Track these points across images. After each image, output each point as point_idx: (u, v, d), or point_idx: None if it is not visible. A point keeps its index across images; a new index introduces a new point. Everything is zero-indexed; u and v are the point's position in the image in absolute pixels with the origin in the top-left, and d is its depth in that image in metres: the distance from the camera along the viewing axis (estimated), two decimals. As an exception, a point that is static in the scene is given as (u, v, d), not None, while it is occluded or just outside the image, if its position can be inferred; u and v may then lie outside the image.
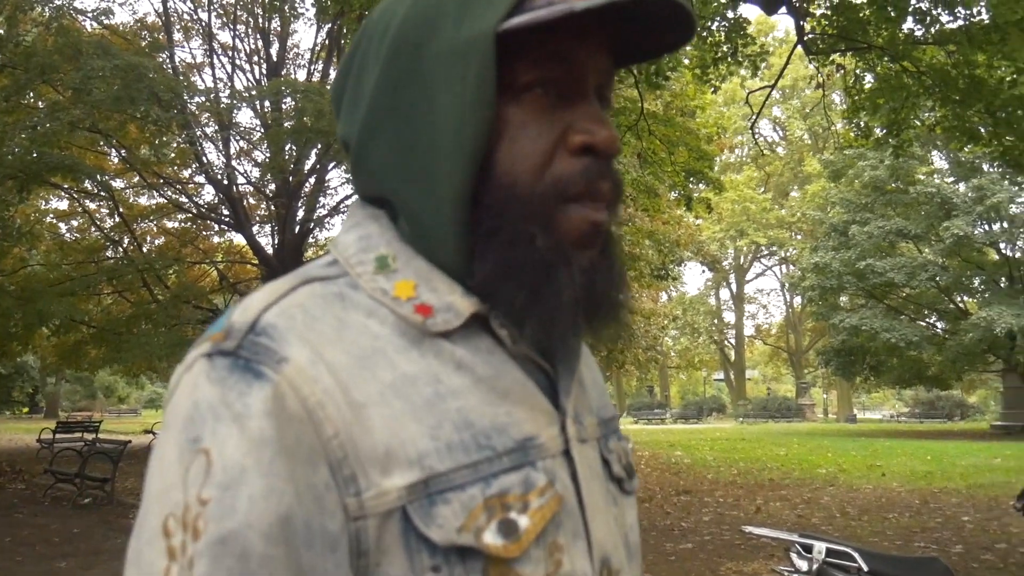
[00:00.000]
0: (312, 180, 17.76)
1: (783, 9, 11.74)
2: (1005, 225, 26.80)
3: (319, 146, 15.11)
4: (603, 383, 0.82)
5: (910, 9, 11.49)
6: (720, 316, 53.19)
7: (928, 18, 11.63)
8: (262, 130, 16.48)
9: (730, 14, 12.29)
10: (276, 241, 18.14)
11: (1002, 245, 27.71)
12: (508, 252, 0.62)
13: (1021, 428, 26.49)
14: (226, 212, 17.71)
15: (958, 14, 11.39)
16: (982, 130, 11.93)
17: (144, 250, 18.38)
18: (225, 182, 17.04)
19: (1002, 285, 27.54)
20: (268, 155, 15.85)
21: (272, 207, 18.10)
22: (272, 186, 17.66)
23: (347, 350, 0.59)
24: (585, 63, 0.64)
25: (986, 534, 7.75)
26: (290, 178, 16.43)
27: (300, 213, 17.77)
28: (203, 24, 18.00)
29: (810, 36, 12.40)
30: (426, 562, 0.56)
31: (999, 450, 18.68)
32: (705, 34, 12.35)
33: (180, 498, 0.53)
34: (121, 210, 17.25)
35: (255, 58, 18.89)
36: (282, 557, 0.53)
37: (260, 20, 18.25)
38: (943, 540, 7.48)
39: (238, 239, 19.64)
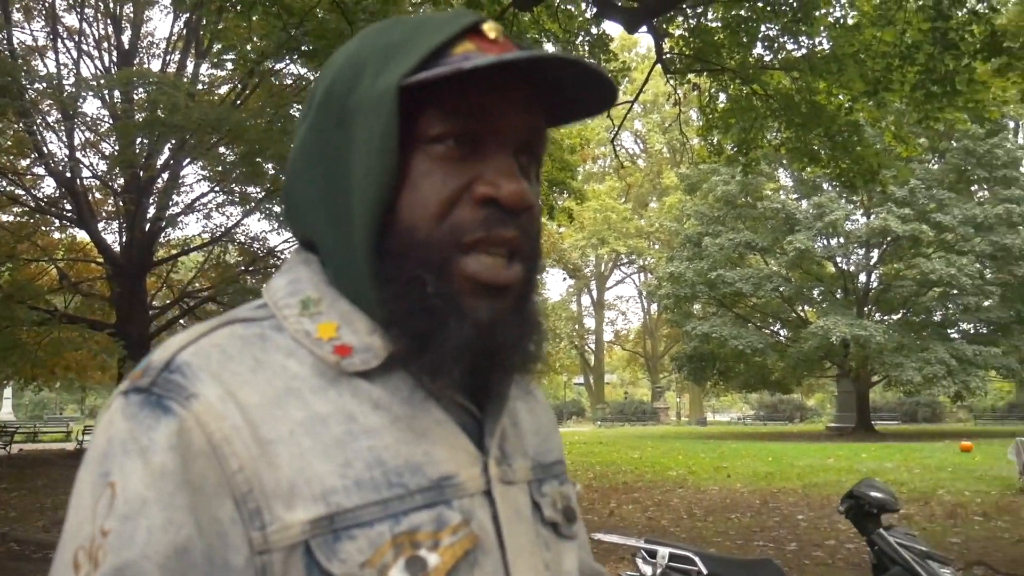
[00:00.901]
0: (165, 176, 16.95)
1: (644, 28, 12.19)
2: (841, 240, 28.79)
3: (173, 141, 14.43)
4: (551, 430, 0.82)
5: (760, 36, 12.16)
6: (581, 322, 54.43)
7: (776, 45, 12.34)
8: (111, 121, 15.59)
9: (594, 30, 12.61)
10: (124, 239, 17.20)
11: (838, 259, 29.78)
12: (401, 298, 0.64)
13: (852, 429, 28.54)
14: (68, 206, 16.63)
15: (802, 43, 12.15)
16: (822, 152, 12.73)
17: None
18: (68, 174, 16.01)
19: (838, 296, 29.58)
20: (116, 148, 15.00)
21: (120, 203, 17.14)
22: (120, 181, 16.72)
23: (260, 389, 0.61)
24: (501, 119, 0.65)
25: (818, 532, 8.28)
26: (140, 173, 15.61)
27: (151, 210, 16.93)
28: (46, 4, 16.84)
29: (668, 55, 12.91)
30: None
31: (833, 450, 20.02)
32: (569, 48, 12.65)
33: (88, 530, 0.56)
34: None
35: (105, 44, 17.85)
36: None
37: (111, 4, 17.25)
38: (780, 539, 7.93)
39: (82, 235, 18.47)
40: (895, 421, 37.95)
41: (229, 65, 14.43)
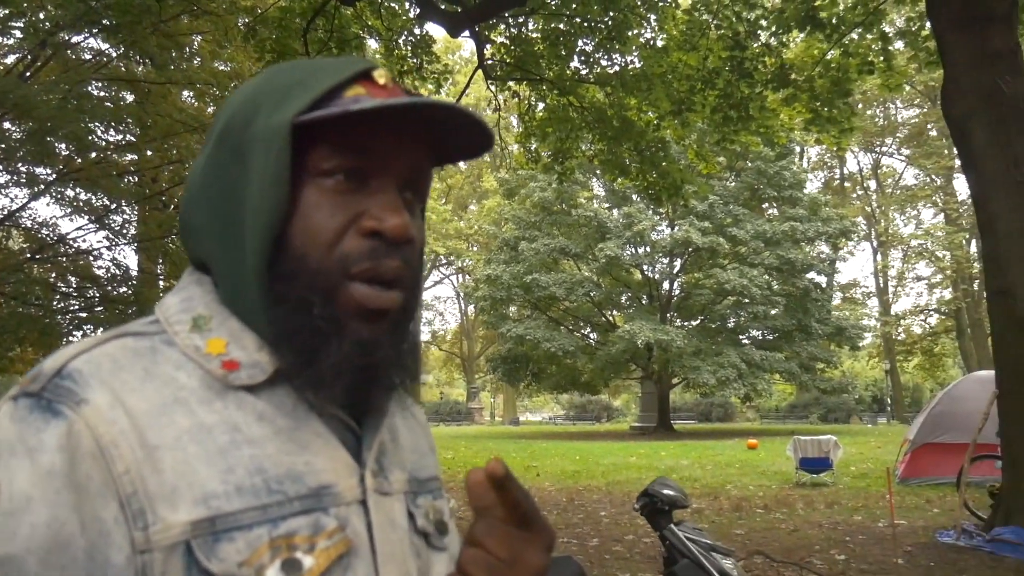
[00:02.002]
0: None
1: (466, 32, 12.31)
2: (647, 249, 30.39)
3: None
4: (428, 449, 0.87)
5: (577, 50, 12.60)
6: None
7: (591, 60, 12.82)
8: None
9: (417, 31, 12.58)
10: None
11: (645, 267, 31.40)
12: (289, 318, 0.68)
13: (653, 428, 30.20)
14: None
15: (615, 60, 12.71)
16: (632, 166, 13.36)
17: None
18: None
19: (644, 302, 31.20)
20: None
21: None
22: None
23: (149, 397, 0.65)
24: (387, 157, 0.71)
25: (619, 527, 8.67)
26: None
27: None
28: None
29: (490, 62, 13.11)
30: None
31: (635, 449, 21.10)
32: (392, 47, 12.56)
33: None
34: None
35: None
36: None
37: None
38: (583, 535, 8.24)
39: None
40: (692, 420, 40.56)
41: (17, 33, 13.15)
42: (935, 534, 7.77)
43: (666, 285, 31.67)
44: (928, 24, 9.27)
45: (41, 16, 10.64)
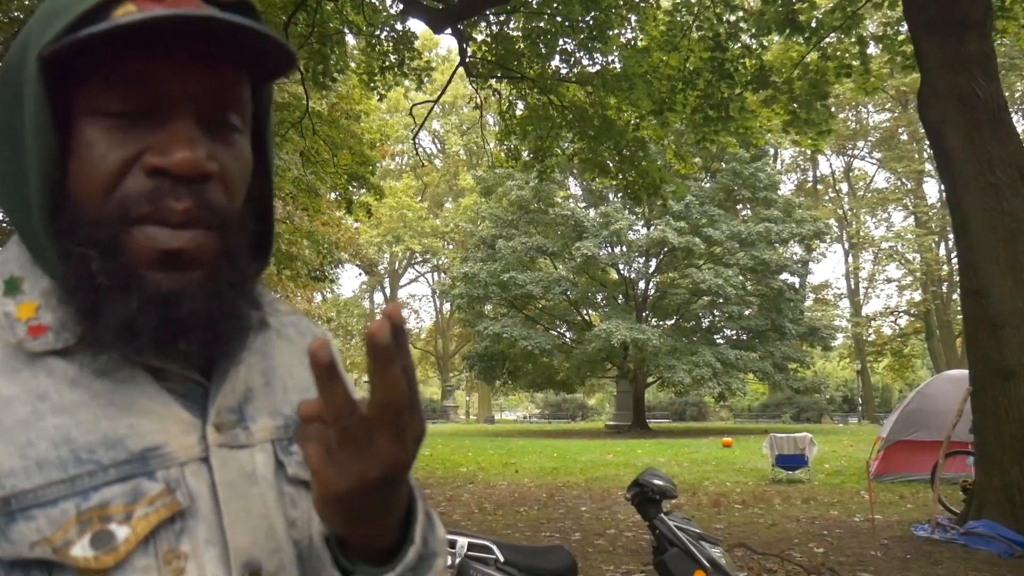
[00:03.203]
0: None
1: (448, 30, 12.32)
2: (624, 249, 30.54)
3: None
4: None
5: (558, 48, 12.67)
6: (373, 319, 53.64)
7: (572, 59, 12.90)
8: None
9: (399, 26, 12.58)
10: None
11: (621, 266, 31.56)
12: (68, 275, 0.62)
13: (629, 427, 30.36)
14: None
15: (596, 60, 12.79)
16: (611, 164, 13.45)
17: None
18: None
19: (619, 301, 31.35)
20: None
21: None
22: None
23: None
24: (172, 82, 0.62)
25: (600, 521, 8.75)
26: None
27: None
28: None
29: (471, 59, 13.13)
30: None
31: (611, 447, 21.22)
32: (374, 42, 12.54)
33: None
34: None
35: None
36: None
37: None
38: (565, 529, 8.31)
39: None
40: (667, 419, 40.82)
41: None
42: (910, 528, 7.93)
43: (642, 284, 31.86)
44: (904, 28, 9.46)
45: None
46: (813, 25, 10.73)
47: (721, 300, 27.94)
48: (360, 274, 50.80)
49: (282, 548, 0.68)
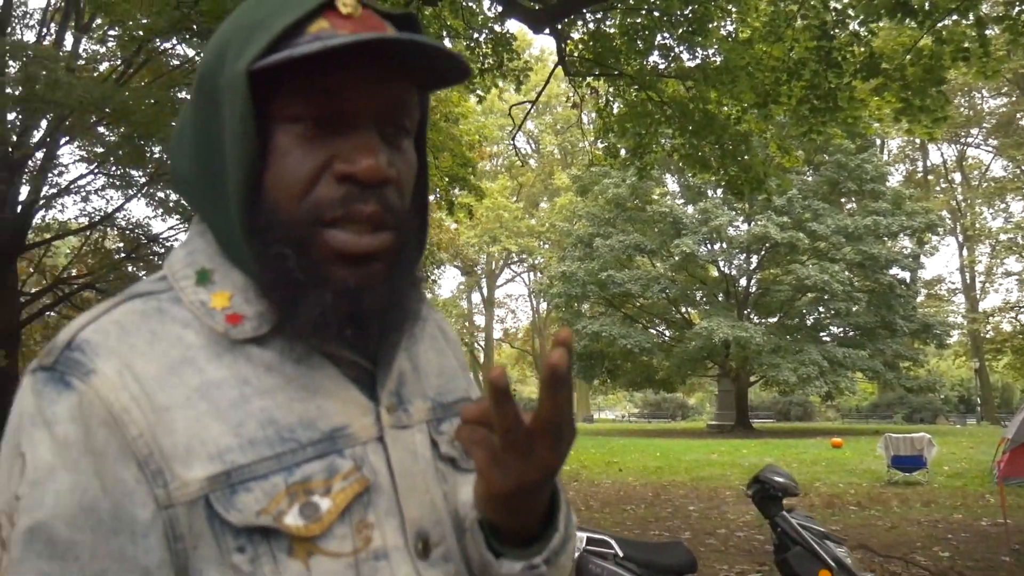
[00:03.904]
0: (40, 155, 15.94)
1: (547, 30, 12.37)
2: (724, 245, 29.95)
3: (49, 116, 13.58)
4: (455, 370, 0.86)
5: (656, 44, 12.55)
6: (471, 319, 54.56)
7: (671, 54, 12.75)
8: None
9: (498, 28, 12.70)
10: (-7, 221, 16.08)
11: (721, 263, 30.95)
12: (266, 272, 0.68)
13: (731, 426, 29.75)
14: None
15: (696, 54, 12.60)
16: (712, 159, 13.22)
17: None
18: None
19: (720, 299, 30.75)
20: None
21: (-10, 182, 16.00)
22: (-10, 158, 15.62)
23: (157, 360, 0.66)
24: (357, 95, 0.67)
25: (709, 521, 8.63)
26: (11, 151, 14.63)
27: (24, 191, 15.88)
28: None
29: (569, 57, 13.14)
30: (231, 543, 0.64)
31: (715, 446, 20.85)
32: (473, 44, 12.70)
33: (6, 497, 0.63)
34: None
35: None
36: (87, 541, 0.61)
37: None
38: (674, 528, 8.23)
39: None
40: (770, 419, 39.81)
41: (111, 42, 13.73)
42: (1042, 533, 7.53)
43: (743, 281, 31.17)
44: (1029, 7, 8.96)
45: (131, 24, 11.03)
46: (927, 8, 10.27)
47: (827, 297, 27.06)
48: (458, 275, 51.42)
49: (443, 519, 0.75)
